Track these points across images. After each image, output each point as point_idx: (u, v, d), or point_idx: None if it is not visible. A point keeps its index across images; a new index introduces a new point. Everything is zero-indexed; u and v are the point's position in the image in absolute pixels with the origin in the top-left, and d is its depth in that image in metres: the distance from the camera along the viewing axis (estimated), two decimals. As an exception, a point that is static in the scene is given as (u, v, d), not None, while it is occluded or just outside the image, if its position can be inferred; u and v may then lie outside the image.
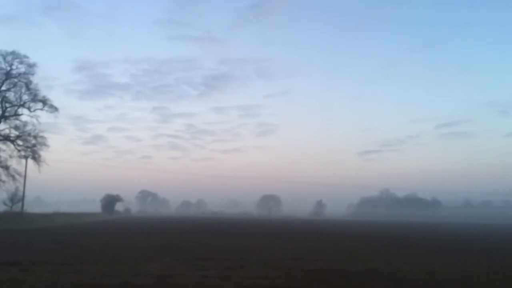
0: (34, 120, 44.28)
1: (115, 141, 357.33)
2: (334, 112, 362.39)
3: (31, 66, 43.41)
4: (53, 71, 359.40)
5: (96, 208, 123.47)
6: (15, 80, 43.78)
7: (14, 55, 43.24)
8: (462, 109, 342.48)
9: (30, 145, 44.61)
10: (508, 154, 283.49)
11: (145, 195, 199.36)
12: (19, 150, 44.78)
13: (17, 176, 45.44)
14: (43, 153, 45.72)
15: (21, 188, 51.04)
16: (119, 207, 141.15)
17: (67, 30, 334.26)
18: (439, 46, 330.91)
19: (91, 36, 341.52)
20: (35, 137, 44.21)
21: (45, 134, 45.21)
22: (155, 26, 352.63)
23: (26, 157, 47.38)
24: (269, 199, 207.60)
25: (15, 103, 44.44)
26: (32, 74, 43.43)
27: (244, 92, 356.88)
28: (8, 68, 43.18)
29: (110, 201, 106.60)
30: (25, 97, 44.28)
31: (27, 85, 43.21)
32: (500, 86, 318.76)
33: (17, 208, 51.49)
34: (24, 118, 44.66)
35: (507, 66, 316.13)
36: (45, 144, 45.19)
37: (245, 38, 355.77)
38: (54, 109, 44.33)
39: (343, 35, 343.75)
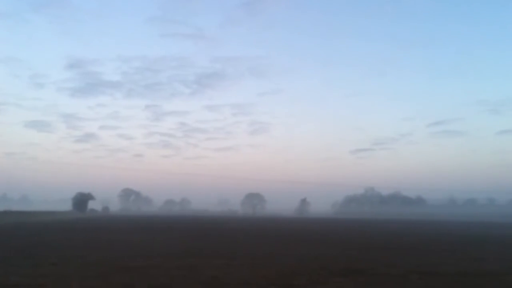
0: None
1: (107, 139, 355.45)
2: (327, 110, 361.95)
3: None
4: (44, 68, 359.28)
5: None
6: None
7: None
8: (453, 108, 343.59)
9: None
10: (498, 153, 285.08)
11: (127, 194, 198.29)
12: None
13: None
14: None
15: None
16: (96, 205, 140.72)
17: (58, 28, 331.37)
18: (431, 45, 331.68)
19: (82, 34, 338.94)
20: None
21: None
22: (147, 24, 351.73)
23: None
24: (253, 198, 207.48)
25: None
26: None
27: (237, 90, 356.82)
28: None
29: (81, 200, 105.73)
30: None
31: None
32: (491, 84, 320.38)
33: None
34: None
35: (498, 65, 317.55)
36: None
37: (238, 36, 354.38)
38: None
39: (336, 34, 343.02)
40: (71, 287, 9.80)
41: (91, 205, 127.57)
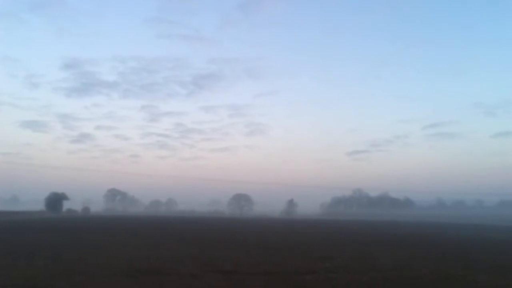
0: None
1: (103, 140, 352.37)
2: (323, 112, 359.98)
3: None
4: (40, 68, 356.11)
5: (70, 206, 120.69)
6: None
7: None
8: (449, 110, 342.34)
9: None
10: (493, 155, 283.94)
11: (113, 194, 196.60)
12: None
13: None
14: None
15: None
16: (77, 205, 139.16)
17: (55, 28, 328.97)
18: (427, 47, 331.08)
19: (79, 34, 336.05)
20: None
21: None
22: (144, 24, 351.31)
23: None
24: (240, 199, 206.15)
25: None
26: None
27: (233, 91, 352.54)
28: None
29: (55, 199, 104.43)
30: None
31: None
32: (487, 87, 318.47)
33: None
34: None
35: (494, 67, 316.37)
36: None
37: (234, 38, 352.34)
38: None
39: (333, 35, 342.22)
40: None
41: (72, 205, 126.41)
